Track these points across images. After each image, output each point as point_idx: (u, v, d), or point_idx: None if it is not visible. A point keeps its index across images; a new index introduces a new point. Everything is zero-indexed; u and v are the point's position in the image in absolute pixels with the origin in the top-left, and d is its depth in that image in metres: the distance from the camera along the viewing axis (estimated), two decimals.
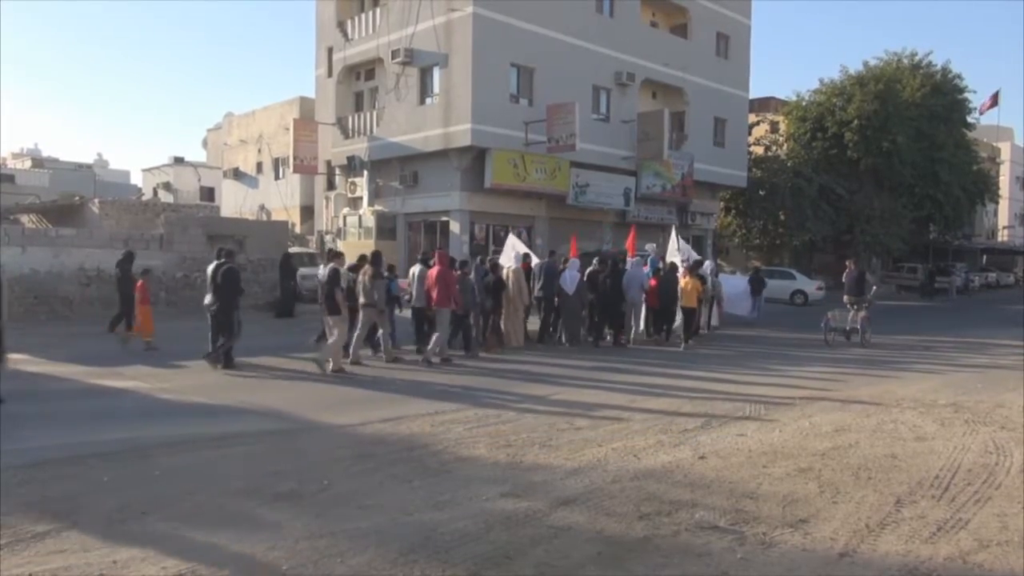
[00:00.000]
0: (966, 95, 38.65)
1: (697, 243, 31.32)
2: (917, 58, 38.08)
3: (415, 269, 12.56)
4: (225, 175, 37.76)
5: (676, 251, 16.81)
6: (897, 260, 39.68)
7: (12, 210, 29.34)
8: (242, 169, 36.37)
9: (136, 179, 60.92)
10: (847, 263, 16.74)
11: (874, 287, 15.97)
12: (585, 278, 14.07)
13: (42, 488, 5.33)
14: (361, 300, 11.42)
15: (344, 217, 27.14)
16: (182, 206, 36.26)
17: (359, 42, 26.30)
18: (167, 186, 47.05)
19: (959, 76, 38.10)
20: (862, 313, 15.33)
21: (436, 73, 23.57)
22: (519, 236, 25.13)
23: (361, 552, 4.23)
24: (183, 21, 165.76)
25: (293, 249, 23.54)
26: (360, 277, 11.50)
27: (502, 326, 13.72)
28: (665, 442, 6.88)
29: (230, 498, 5.18)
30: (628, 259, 15.76)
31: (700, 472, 5.92)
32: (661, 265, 15.78)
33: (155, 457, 6.22)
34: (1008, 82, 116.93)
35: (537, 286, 14.10)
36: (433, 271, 11.87)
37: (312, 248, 27.41)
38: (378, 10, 25.45)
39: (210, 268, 11.03)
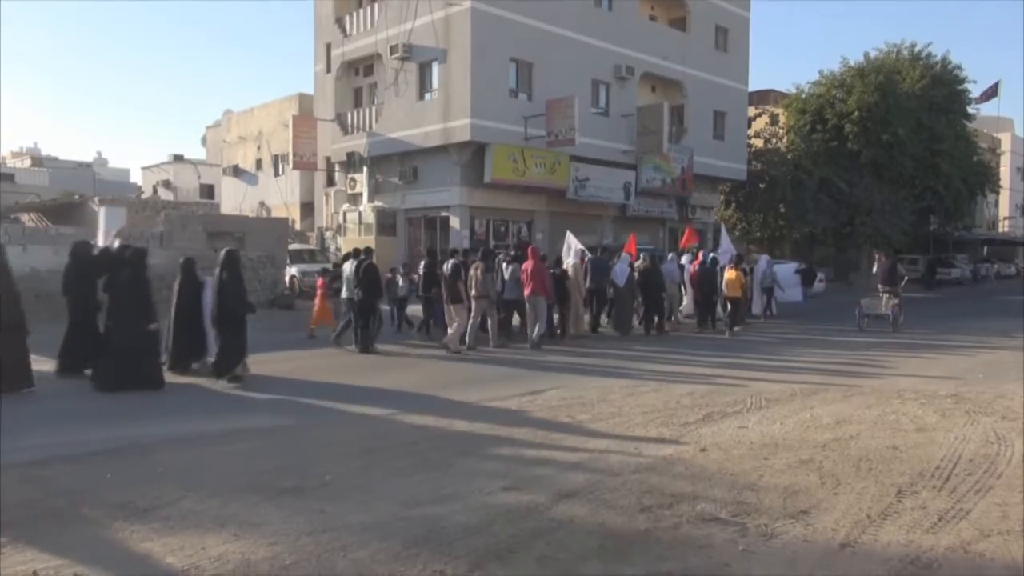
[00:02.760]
0: (966, 86, 38.54)
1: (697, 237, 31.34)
2: (917, 49, 37.96)
3: (504, 265, 13.93)
4: (225, 172, 37.73)
5: (723, 247, 18.76)
6: (898, 252, 39.59)
7: (12, 209, 29.35)
8: (242, 166, 36.35)
9: (136, 177, 60.89)
10: (878, 255, 18.13)
11: (904, 277, 17.18)
12: (636, 273, 15.46)
13: (45, 485, 5.35)
14: (473, 292, 12.82)
15: (344, 213, 27.13)
16: (182, 204, 36.26)
17: (357, 38, 26.25)
18: (167, 184, 47.02)
19: (959, 67, 37.95)
20: (894, 301, 16.26)
21: (435, 68, 23.53)
22: (519, 232, 25.30)
23: (364, 546, 4.24)
24: (180, 18, 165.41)
25: (293, 246, 23.55)
26: (472, 271, 12.93)
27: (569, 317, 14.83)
28: (666, 435, 6.89)
29: (232, 494, 5.19)
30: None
31: (701, 464, 5.93)
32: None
33: (157, 454, 6.24)
34: (1008, 74, 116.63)
35: (587, 280, 15.15)
36: (528, 265, 13.28)
37: (313, 244, 27.46)
38: (376, 6, 25.38)
39: (348, 265, 12.98)
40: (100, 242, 11.09)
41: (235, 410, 8.17)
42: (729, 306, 15.86)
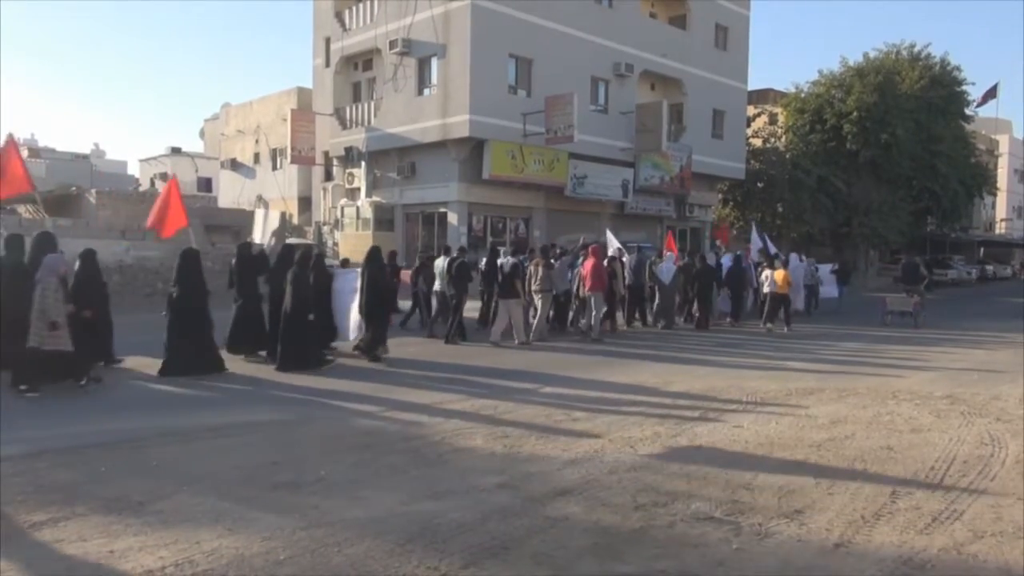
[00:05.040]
0: (965, 87, 38.59)
1: (695, 235, 31.35)
2: (916, 50, 37.98)
3: (556, 263, 14.54)
4: (222, 166, 37.64)
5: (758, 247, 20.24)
6: (895, 252, 39.68)
7: (9, 200, 29.22)
8: (239, 160, 36.26)
9: (133, 169, 60.71)
10: (902, 255, 19.27)
11: (926, 277, 18.40)
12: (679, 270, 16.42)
13: (39, 478, 5.34)
14: (535, 287, 13.60)
15: (342, 208, 27.07)
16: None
17: (357, 32, 26.18)
18: (164, 177, 46.88)
19: (958, 68, 37.99)
20: (915, 298, 17.61)
21: (434, 64, 23.47)
22: (516, 228, 25.27)
23: (358, 542, 4.24)
24: (179, 10, 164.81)
25: (290, 240, 23.49)
26: (532, 268, 13.74)
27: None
28: (662, 433, 6.90)
29: (227, 488, 5.18)
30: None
31: (697, 463, 5.94)
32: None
33: (152, 447, 6.23)
34: (1007, 75, 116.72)
35: (628, 276, 15.89)
36: (588, 263, 13.95)
37: (310, 239, 27.40)
38: (376, 0, 25.33)
39: (441, 262, 14.06)
40: (257, 239, 12.30)
41: (230, 404, 8.16)
42: (769, 303, 16.46)
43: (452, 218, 23.55)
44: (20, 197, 30.45)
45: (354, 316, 11.23)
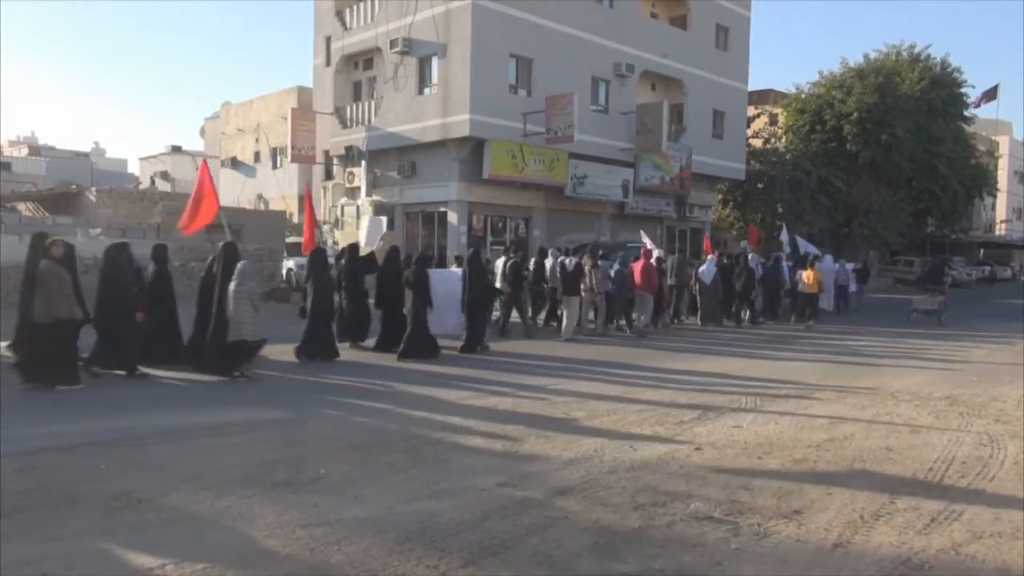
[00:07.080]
0: (965, 89, 38.61)
1: (695, 236, 31.35)
2: (916, 51, 37.99)
3: (604, 264, 15.19)
4: (223, 164, 37.65)
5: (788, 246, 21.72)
6: (895, 253, 39.68)
7: (9, 198, 29.21)
8: (240, 158, 36.29)
9: (133, 168, 60.83)
10: (928, 258, 19.79)
11: (949, 278, 19.55)
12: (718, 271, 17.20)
13: (39, 476, 5.34)
14: (586, 286, 14.37)
15: (342, 207, 27.07)
16: (180, 195, 36.10)
17: (357, 31, 26.17)
18: (164, 175, 46.94)
19: (958, 69, 38.03)
20: (940, 298, 18.74)
21: (435, 63, 23.46)
22: (516, 228, 25.29)
23: (358, 541, 4.24)
24: (180, 9, 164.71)
25: (290, 239, 23.49)
26: (587, 268, 14.37)
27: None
28: (661, 433, 6.91)
29: (226, 487, 5.18)
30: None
31: (696, 463, 5.94)
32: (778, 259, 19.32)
33: (152, 446, 6.24)
34: (1007, 77, 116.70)
35: (672, 276, 16.66)
36: (639, 264, 15.00)
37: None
38: None
39: (499, 261, 14.79)
40: (362, 243, 13.34)
41: (229, 403, 8.16)
42: (800, 303, 17.50)
43: (452, 217, 23.55)
44: (20, 194, 30.46)
45: (452, 312, 12.27)
